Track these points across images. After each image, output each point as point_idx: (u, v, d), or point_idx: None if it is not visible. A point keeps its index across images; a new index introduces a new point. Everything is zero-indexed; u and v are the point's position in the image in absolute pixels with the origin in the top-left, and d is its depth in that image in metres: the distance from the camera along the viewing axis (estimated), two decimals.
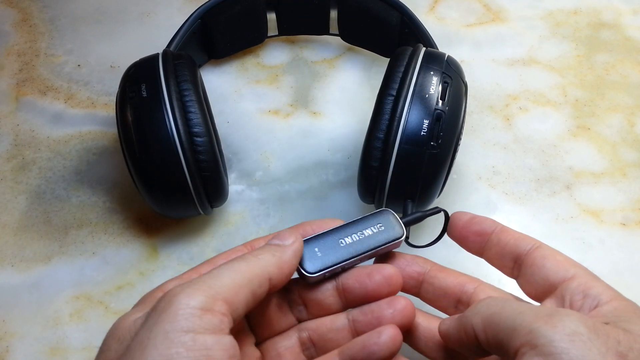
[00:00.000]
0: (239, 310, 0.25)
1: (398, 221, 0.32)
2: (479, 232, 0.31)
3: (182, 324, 0.23)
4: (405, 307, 0.29)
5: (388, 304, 0.29)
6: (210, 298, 0.24)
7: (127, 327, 0.25)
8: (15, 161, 0.45)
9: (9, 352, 0.36)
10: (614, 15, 0.56)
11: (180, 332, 0.23)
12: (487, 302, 0.26)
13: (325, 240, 0.31)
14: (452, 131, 0.35)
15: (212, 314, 0.24)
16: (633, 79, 0.50)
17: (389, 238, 0.31)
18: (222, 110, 0.48)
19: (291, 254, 0.28)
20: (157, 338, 0.23)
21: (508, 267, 0.30)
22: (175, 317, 0.23)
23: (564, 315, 0.22)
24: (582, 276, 0.27)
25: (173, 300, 0.24)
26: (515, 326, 0.23)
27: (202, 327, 0.23)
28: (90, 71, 0.51)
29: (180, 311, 0.23)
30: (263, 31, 0.50)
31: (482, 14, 0.56)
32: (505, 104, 0.49)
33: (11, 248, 0.41)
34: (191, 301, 0.23)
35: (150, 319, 0.24)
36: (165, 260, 0.40)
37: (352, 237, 0.31)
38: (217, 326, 0.24)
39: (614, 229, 0.42)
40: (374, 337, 0.28)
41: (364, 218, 0.32)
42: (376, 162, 0.35)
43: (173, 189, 0.36)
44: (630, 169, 0.45)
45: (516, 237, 0.30)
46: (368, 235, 0.31)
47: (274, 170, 0.45)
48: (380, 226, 0.31)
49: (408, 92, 0.35)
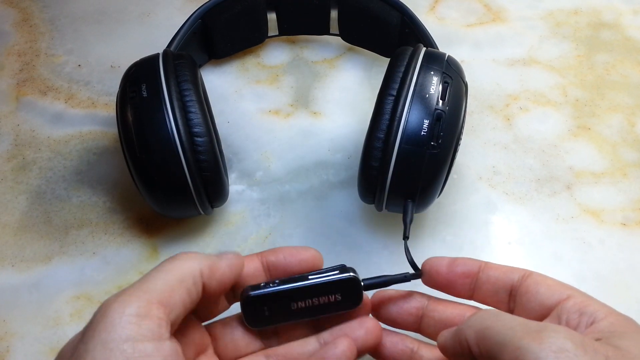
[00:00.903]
0: (177, 311, 0.25)
1: (359, 289, 0.30)
2: (466, 274, 0.30)
3: (120, 333, 0.22)
4: (375, 327, 0.30)
5: (359, 324, 0.30)
6: (146, 303, 0.24)
7: (68, 345, 0.24)
8: (16, 161, 0.45)
9: (9, 352, 0.36)
10: (614, 15, 0.56)
11: (119, 341, 0.22)
12: (480, 315, 0.26)
13: (275, 301, 0.29)
14: (452, 131, 0.35)
15: (149, 320, 0.23)
16: (633, 79, 0.50)
17: (343, 307, 0.30)
18: (222, 110, 0.48)
19: (225, 262, 0.28)
20: (95, 350, 0.22)
21: (504, 302, 0.29)
22: (112, 326, 0.23)
23: (552, 332, 0.22)
24: (577, 296, 0.27)
25: (108, 310, 0.23)
26: (505, 342, 0.23)
27: (140, 335, 0.23)
28: (91, 71, 0.51)
29: (117, 320, 0.23)
30: (263, 31, 0.50)
31: (483, 14, 0.56)
32: (505, 104, 0.49)
33: (11, 248, 0.41)
34: (126, 309, 0.23)
35: (88, 332, 0.23)
36: None
37: (306, 302, 0.29)
38: (156, 332, 0.23)
39: (614, 229, 0.42)
40: (330, 349, 0.28)
41: (325, 280, 0.30)
42: (376, 162, 0.35)
43: (173, 189, 0.36)
44: (630, 169, 0.45)
45: (504, 270, 0.29)
46: (323, 303, 0.30)
47: (275, 170, 0.45)
48: (338, 295, 0.30)
49: (408, 92, 0.34)
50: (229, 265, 0.28)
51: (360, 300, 0.30)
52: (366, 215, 0.42)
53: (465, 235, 0.41)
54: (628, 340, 0.23)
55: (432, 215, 0.42)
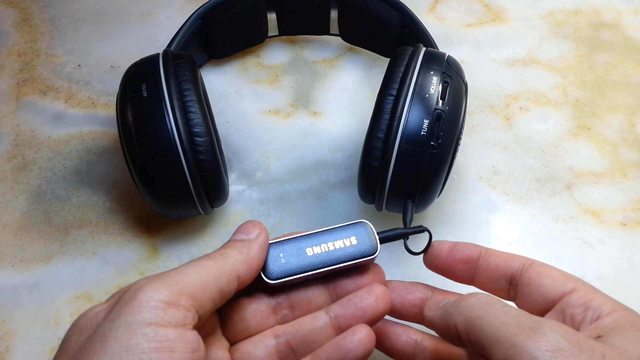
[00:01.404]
0: (205, 307, 0.25)
1: (374, 237, 0.30)
2: (466, 259, 0.30)
3: (145, 316, 0.23)
4: (385, 294, 0.29)
5: (368, 292, 0.29)
6: (176, 292, 0.24)
7: (89, 318, 0.24)
8: (16, 161, 0.45)
9: (9, 352, 0.36)
10: (614, 15, 0.56)
11: (143, 324, 0.22)
12: (471, 302, 0.26)
13: (291, 246, 0.29)
14: (452, 131, 0.35)
15: (176, 308, 0.23)
16: (633, 79, 0.50)
17: (359, 254, 0.29)
18: (222, 110, 0.48)
19: (257, 248, 0.28)
20: (118, 329, 0.22)
21: (504, 290, 0.29)
22: (138, 309, 0.23)
23: (548, 330, 0.22)
24: (581, 289, 0.26)
25: (138, 293, 0.23)
26: (498, 337, 0.23)
27: (164, 320, 0.23)
28: (91, 71, 0.51)
29: (145, 303, 0.23)
30: (263, 31, 0.50)
31: (483, 14, 0.56)
32: (505, 103, 0.49)
33: (12, 248, 0.41)
34: (156, 294, 0.23)
35: (114, 311, 0.23)
36: (166, 260, 0.40)
37: (321, 247, 0.29)
38: (181, 320, 0.23)
39: (614, 229, 0.42)
40: (348, 336, 0.27)
41: (339, 228, 0.30)
42: (376, 162, 0.35)
43: (173, 189, 0.36)
44: (630, 169, 0.45)
45: (505, 257, 0.29)
46: (338, 247, 0.29)
47: (275, 170, 0.45)
48: (353, 239, 0.30)
49: (408, 92, 0.34)
50: (261, 249, 0.28)
51: (377, 248, 0.30)
52: (366, 215, 0.42)
53: (465, 235, 0.41)
54: (629, 337, 0.23)
55: (432, 215, 0.42)
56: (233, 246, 0.28)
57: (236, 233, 0.29)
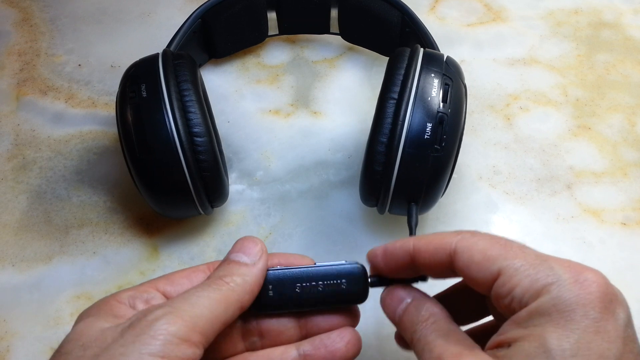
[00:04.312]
0: (210, 339, 0.26)
1: (366, 283, 0.29)
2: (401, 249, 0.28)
3: (158, 349, 0.23)
4: (356, 340, 0.29)
5: (340, 336, 0.29)
6: (190, 328, 0.24)
7: (94, 336, 0.25)
8: (16, 161, 0.45)
9: (9, 351, 0.36)
10: (614, 15, 0.55)
11: (155, 357, 0.23)
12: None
13: (283, 279, 0.29)
14: (454, 133, 0.35)
15: (187, 345, 0.24)
16: (634, 78, 0.50)
17: (347, 299, 0.29)
18: (222, 110, 0.48)
19: (260, 275, 0.28)
20: (130, 356, 0.23)
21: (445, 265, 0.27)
22: (153, 340, 0.24)
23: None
24: (506, 271, 0.25)
25: (154, 324, 0.24)
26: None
27: (176, 356, 0.24)
28: (91, 71, 0.51)
29: (160, 336, 0.24)
30: (263, 30, 0.50)
31: (483, 14, 0.55)
32: (506, 103, 0.49)
33: (12, 248, 0.41)
34: (171, 327, 0.24)
35: (128, 336, 0.24)
36: (166, 260, 0.40)
37: (311, 286, 0.29)
38: (189, 357, 0.24)
39: (614, 228, 0.42)
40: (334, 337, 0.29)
41: (333, 267, 0.29)
42: (380, 167, 0.34)
43: (173, 189, 0.36)
44: (630, 169, 0.45)
45: (434, 243, 0.27)
46: (328, 289, 0.29)
47: (275, 170, 0.45)
48: (344, 282, 0.29)
49: (410, 96, 0.34)
50: (262, 275, 0.28)
51: (366, 295, 0.29)
52: (366, 215, 0.42)
53: None
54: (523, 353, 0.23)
55: (433, 215, 0.42)
56: (236, 271, 0.28)
57: (237, 252, 0.29)
